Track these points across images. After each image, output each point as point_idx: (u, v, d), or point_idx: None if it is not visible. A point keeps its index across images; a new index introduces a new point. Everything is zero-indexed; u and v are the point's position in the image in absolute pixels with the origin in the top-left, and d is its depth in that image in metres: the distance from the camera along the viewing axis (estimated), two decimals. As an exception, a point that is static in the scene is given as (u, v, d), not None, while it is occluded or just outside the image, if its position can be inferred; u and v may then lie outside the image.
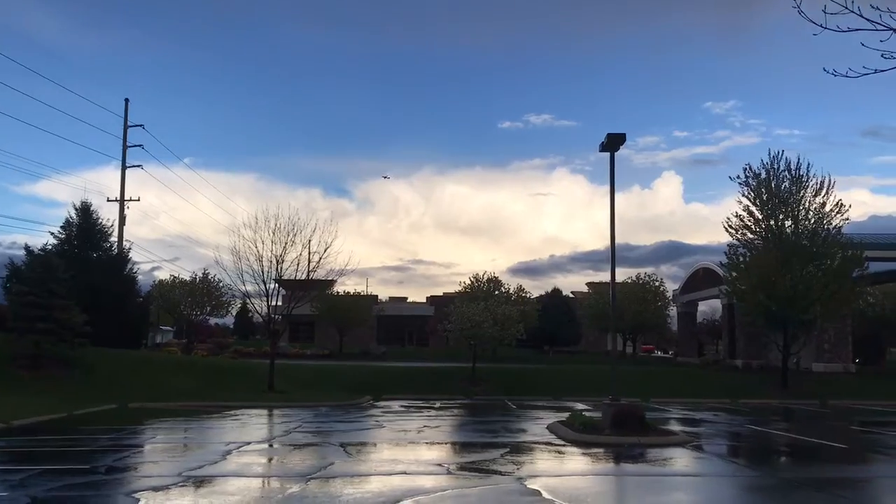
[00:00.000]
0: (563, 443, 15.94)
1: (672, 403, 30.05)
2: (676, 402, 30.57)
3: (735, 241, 36.49)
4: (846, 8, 5.92)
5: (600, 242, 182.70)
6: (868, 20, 5.96)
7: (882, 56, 6.00)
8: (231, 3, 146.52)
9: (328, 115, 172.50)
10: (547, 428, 18.73)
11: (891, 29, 5.87)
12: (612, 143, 18.27)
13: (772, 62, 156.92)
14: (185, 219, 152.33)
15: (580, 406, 27.92)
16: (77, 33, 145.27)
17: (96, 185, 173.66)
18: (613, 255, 18.62)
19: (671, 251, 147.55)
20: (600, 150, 18.69)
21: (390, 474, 11.47)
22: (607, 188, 17.80)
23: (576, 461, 13.72)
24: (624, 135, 17.97)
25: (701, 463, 13.67)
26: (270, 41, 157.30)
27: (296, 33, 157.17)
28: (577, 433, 16.66)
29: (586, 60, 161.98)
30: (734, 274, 36.74)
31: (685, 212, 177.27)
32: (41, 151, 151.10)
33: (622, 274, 67.44)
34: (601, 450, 14.87)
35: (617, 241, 18.79)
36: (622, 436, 15.90)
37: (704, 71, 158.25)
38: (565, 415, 23.01)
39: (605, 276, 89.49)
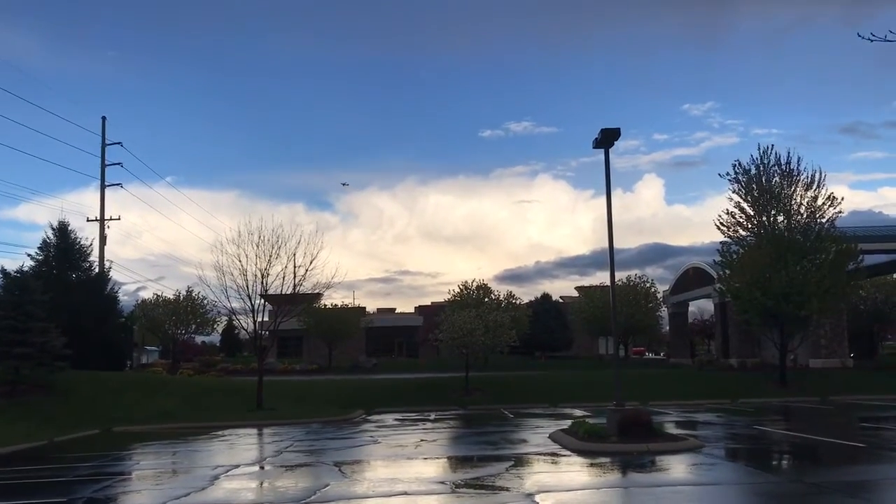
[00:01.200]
0: (568, 453, 15.17)
1: (671, 406, 29.39)
2: (675, 405, 29.92)
3: (727, 239, 35.87)
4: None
5: (585, 247, 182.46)
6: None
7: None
8: (208, 20, 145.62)
9: (308, 129, 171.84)
10: (549, 437, 17.96)
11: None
12: (607, 138, 17.61)
13: (748, 63, 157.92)
14: (169, 238, 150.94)
15: (578, 413, 27.20)
16: (54, 55, 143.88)
17: (78, 207, 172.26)
18: (612, 254, 17.91)
19: (656, 253, 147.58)
20: (594, 147, 18.04)
21: (390, 495, 10.66)
22: (590, 192, 17.41)
23: (585, 473, 12.95)
24: (618, 129, 17.30)
25: (718, 470, 12.93)
26: (247, 54, 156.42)
27: (273, 46, 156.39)
28: (581, 442, 15.90)
29: (563, 67, 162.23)
30: (728, 272, 36.16)
31: (668, 213, 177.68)
32: (21, 174, 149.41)
33: (606, 277, 66.80)
34: (609, 459, 14.10)
35: (601, 245, 18.27)
36: (630, 443, 15.16)
37: (681, 73, 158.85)
38: (565, 422, 22.30)
39: (592, 280, 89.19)
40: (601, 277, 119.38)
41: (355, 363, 55.58)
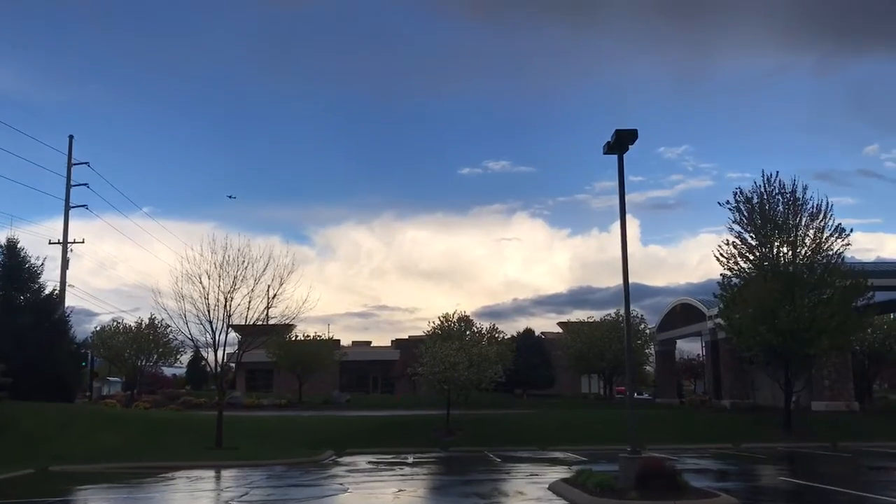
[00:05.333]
0: (578, 511, 12.58)
1: (671, 450, 26.79)
2: (674, 449, 27.35)
3: (727, 272, 33.64)
4: None
5: (562, 285, 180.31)
6: None
7: None
8: (186, 54, 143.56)
9: (287, 163, 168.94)
10: (549, 489, 15.33)
11: None
12: (620, 142, 15.30)
13: (722, 108, 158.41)
14: (145, 269, 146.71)
15: (572, 457, 24.68)
16: (31, 87, 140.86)
17: (54, 234, 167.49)
18: (626, 276, 15.49)
19: (633, 293, 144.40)
20: (605, 153, 15.73)
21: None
22: (566, 231, 15.05)
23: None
24: (635, 131, 15.02)
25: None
26: (226, 89, 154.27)
27: (252, 82, 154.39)
28: (592, 497, 13.26)
29: (540, 108, 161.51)
30: (724, 306, 33.94)
31: (644, 254, 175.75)
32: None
33: (584, 315, 64.26)
34: (632, 521, 11.53)
35: (578, 283, 16.21)
36: (653, 500, 12.60)
37: (656, 116, 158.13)
38: (560, 469, 19.83)
39: (571, 317, 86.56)
40: (578, 315, 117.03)
41: (327, 398, 52.73)
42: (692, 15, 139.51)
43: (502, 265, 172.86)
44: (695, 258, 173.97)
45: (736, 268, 33.23)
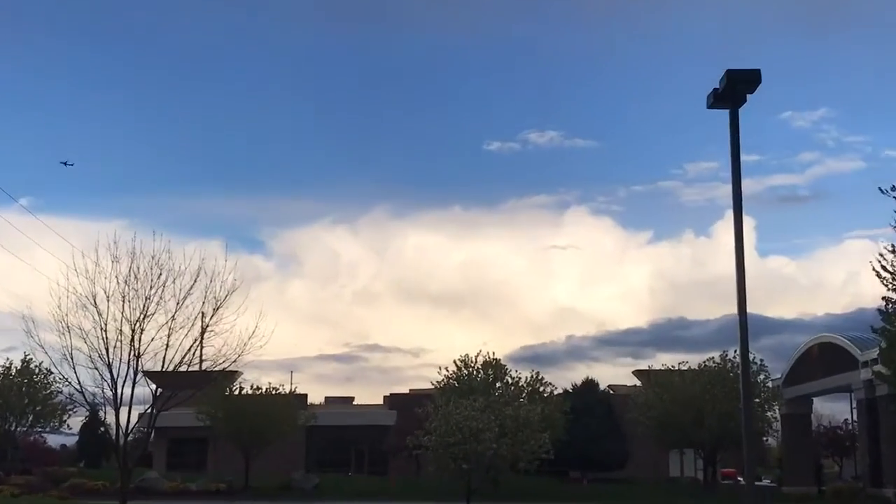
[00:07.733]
0: None
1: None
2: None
3: (891, 295, 33.37)
4: None
5: (640, 317, 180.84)
6: None
7: None
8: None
9: (233, 139, 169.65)
10: None
11: None
12: (733, 89, 14.82)
13: (875, 57, 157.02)
14: (22, 289, 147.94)
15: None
16: None
17: None
18: (742, 292, 15.03)
19: (748, 327, 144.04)
20: (709, 106, 15.30)
21: None
22: (645, 235, 14.69)
23: None
24: (757, 71, 14.59)
25: None
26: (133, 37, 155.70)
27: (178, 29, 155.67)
28: None
29: (608, 53, 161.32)
30: (887, 346, 33.65)
31: (762, 269, 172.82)
32: None
33: (674, 360, 63.32)
34: None
35: (664, 314, 15.57)
36: None
37: (779, 69, 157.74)
38: None
39: (654, 363, 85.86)
40: (665, 361, 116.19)
41: (287, 482, 52.64)
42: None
43: (550, 286, 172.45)
44: (839, 276, 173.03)
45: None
